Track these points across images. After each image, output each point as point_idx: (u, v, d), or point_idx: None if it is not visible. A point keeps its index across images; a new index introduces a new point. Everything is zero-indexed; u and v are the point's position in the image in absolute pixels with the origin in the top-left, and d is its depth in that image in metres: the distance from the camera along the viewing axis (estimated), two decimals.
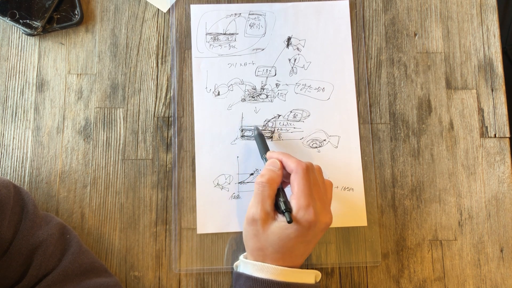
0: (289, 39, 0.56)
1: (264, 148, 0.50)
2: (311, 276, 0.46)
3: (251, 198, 0.45)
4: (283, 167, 0.46)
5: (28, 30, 0.54)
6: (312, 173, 0.45)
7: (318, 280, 0.47)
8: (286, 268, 0.44)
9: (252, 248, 0.45)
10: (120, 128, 0.54)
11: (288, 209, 0.43)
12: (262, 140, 0.51)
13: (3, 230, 0.41)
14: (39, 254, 0.43)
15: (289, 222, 0.42)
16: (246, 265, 0.45)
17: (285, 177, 0.47)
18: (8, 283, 0.42)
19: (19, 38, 0.56)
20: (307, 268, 0.47)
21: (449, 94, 0.56)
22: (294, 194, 0.44)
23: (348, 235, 0.52)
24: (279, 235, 0.43)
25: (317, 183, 0.45)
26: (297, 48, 0.56)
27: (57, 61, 0.55)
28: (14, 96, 0.54)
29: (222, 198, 0.53)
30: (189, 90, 0.55)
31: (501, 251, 0.53)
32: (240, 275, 0.45)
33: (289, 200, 0.44)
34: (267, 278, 0.43)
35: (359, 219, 0.53)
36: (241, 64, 0.56)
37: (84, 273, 0.45)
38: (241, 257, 0.47)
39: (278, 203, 0.44)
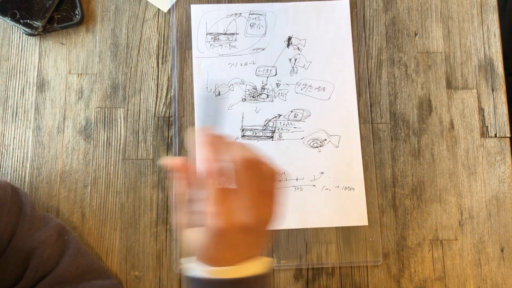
0: (289, 38, 0.56)
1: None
2: (257, 266, 0.41)
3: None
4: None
5: (28, 30, 0.54)
6: (218, 178, 0.39)
7: (269, 265, 0.42)
8: (226, 267, 0.40)
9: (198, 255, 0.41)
10: (120, 128, 0.54)
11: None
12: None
13: (0, 232, 0.41)
14: (37, 256, 0.43)
15: None
16: (194, 269, 0.41)
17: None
18: (5, 285, 0.42)
19: (19, 38, 0.56)
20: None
21: (450, 94, 0.56)
22: None
23: (349, 235, 0.52)
24: (198, 242, 0.39)
25: (241, 180, 0.39)
26: (298, 48, 0.56)
27: (57, 61, 0.55)
28: (14, 96, 0.54)
29: None
30: (189, 90, 0.55)
31: (502, 250, 0.53)
32: (191, 279, 0.41)
33: None
34: (211, 278, 0.39)
35: (360, 218, 0.53)
36: (241, 64, 0.56)
37: (82, 275, 0.45)
38: (185, 261, 0.42)
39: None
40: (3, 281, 0.42)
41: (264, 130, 0.54)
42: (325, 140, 0.54)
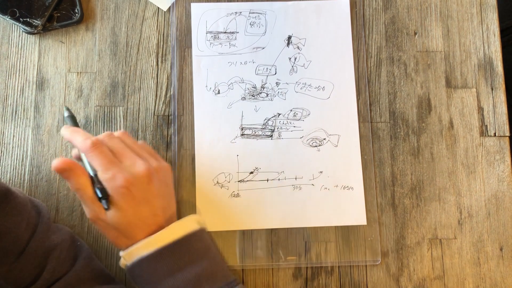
0: (289, 38, 0.56)
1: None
2: (192, 223, 0.43)
3: None
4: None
5: (28, 29, 0.54)
6: (103, 146, 0.42)
7: (201, 222, 0.45)
8: (162, 231, 0.41)
9: (113, 241, 0.42)
10: (120, 126, 0.54)
11: (105, 196, 0.40)
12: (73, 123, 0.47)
13: (21, 232, 0.42)
14: (53, 257, 0.43)
15: (107, 209, 0.40)
16: (131, 255, 0.42)
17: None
18: (21, 285, 0.42)
19: (19, 36, 0.56)
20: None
21: (449, 93, 0.56)
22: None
23: (348, 234, 0.53)
24: (118, 219, 0.41)
25: (119, 150, 0.42)
26: (298, 47, 0.56)
27: (57, 59, 0.55)
28: (14, 94, 0.54)
29: (222, 197, 0.53)
30: (189, 88, 0.55)
31: (501, 249, 0.53)
32: (132, 267, 0.42)
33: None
34: (154, 250, 0.40)
35: (359, 217, 0.53)
36: (241, 62, 0.56)
37: (95, 279, 0.45)
38: (121, 253, 0.43)
39: (95, 191, 0.41)
40: (20, 281, 0.42)
41: (264, 129, 0.54)
42: (324, 139, 0.54)
